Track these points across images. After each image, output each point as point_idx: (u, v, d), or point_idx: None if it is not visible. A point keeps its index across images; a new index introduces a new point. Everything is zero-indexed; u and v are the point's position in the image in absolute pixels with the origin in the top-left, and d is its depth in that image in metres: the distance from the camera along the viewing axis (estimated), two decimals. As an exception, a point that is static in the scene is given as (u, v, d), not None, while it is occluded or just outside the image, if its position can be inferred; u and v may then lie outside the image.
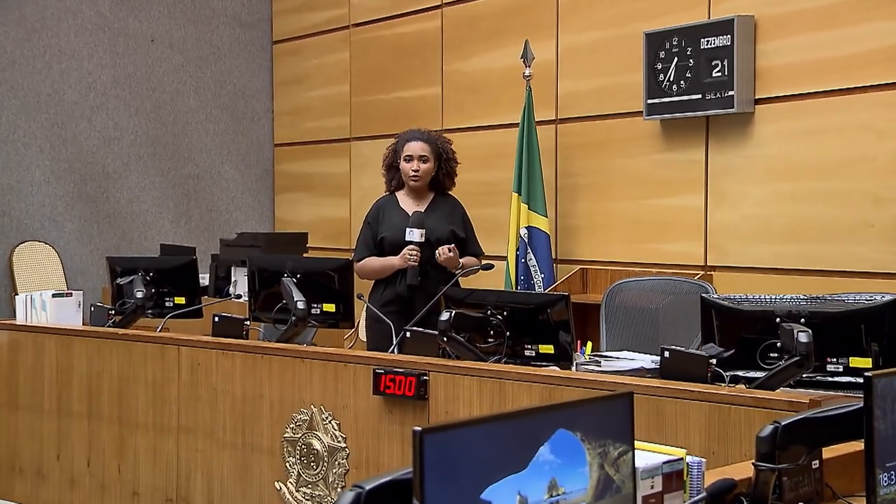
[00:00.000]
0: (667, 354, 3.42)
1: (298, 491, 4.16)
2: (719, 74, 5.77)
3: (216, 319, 4.72)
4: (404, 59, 7.78)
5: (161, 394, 4.62)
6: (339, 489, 4.03)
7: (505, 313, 3.91)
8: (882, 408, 2.12)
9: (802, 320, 3.28)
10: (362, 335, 5.54)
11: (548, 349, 3.84)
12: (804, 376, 3.27)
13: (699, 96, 5.88)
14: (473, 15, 7.31)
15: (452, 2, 7.45)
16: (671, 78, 6.00)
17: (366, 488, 1.64)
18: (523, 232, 6.44)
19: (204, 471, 4.48)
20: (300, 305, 4.49)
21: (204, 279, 6.59)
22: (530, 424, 1.70)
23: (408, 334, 4.12)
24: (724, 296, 3.64)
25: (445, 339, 3.90)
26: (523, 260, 6.43)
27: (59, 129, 8.10)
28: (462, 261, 5.03)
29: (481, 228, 5.43)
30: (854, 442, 2.27)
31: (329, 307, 4.65)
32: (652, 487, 2.03)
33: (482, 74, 7.23)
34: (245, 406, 4.34)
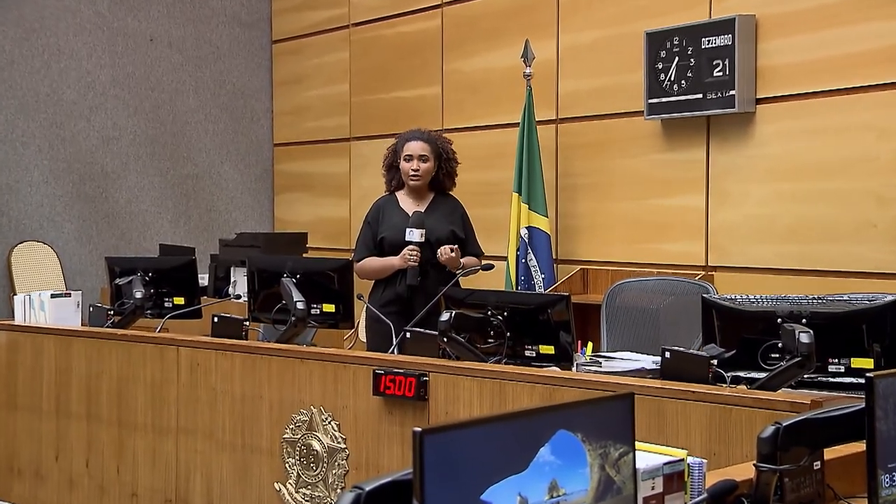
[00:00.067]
0: (668, 355, 3.42)
1: (298, 492, 4.15)
2: (720, 74, 5.75)
3: (215, 320, 4.71)
4: (404, 59, 7.77)
5: (160, 394, 4.61)
6: (339, 490, 4.02)
7: (505, 314, 3.91)
8: (884, 409, 2.11)
9: (804, 321, 3.28)
10: (362, 336, 5.53)
11: (548, 350, 3.83)
12: (806, 377, 3.27)
13: (700, 96, 5.86)
14: (474, 14, 7.30)
15: (452, 1, 7.43)
16: (672, 77, 5.98)
17: (366, 489, 1.64)
18: (524, 232, 6.43)
19: (203, 472, 4.47)
20: (300, 306, 4.49)
21: (203, 279, 6.58)
22: (531, 425, 1.70)
23: (408, 335, 4.12)
24: (726, 296, 3.63)
25: (445, 340, 3.90)
26: (524, 260, 6.42)
27: (58, 129, 8.09)
28: (462, 261, 5.02)
29: (481, 228, 5.42)
30: (856, 443, 2.26)
31: (329, 307, 4.65)
32: (653, 488, 2.03)
33: (482, 74, 7.22)
34: (244, 407, 4.33)
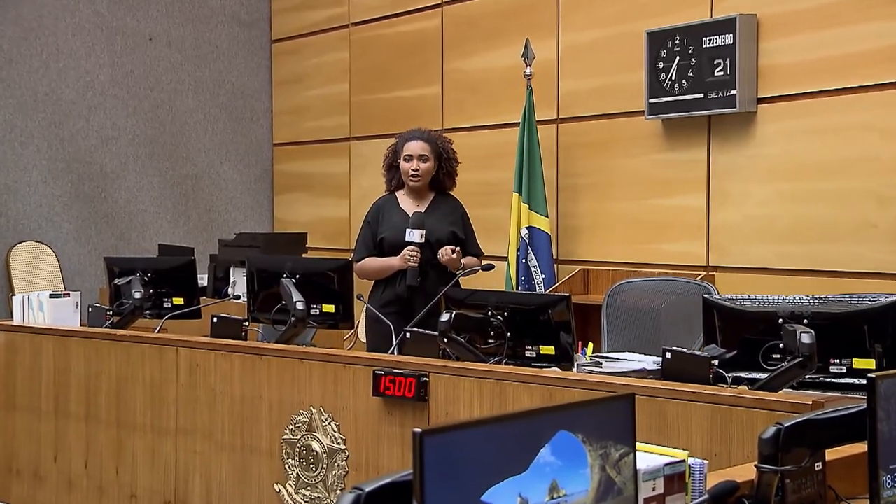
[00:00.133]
0: (668, 355, 3.42)
1: (298, 493, 4.14)
2: (721, 73, 5.74)
3: (215, 320, 4.71)
4: (404, 59, 7.76)
5: (159, 395, 4.60)
6: (339, 491, 4.02)
7: (505, 314, 3.90)
8: (886, 409, 2.11)
9: (805, 321, 3.28)
10: (362, 336, 5.52)
11: (549, 350, 3.83)
12: (807, 377, 3.27)
13: (701, 95, 5.85)
14: (474, 14, 7.29)
15: (452, 0, 7.42)
16: (673, 77, 5.97)
17: (365, 490, 1.64)
18: (524, 232, 6.42)
19: (202, 473, 4.46)
20: (299, 306, 4.48)
21: (202, 280, 6.58)
22: (531, 426, 1.70)
23: (408, 335, 4.12)
24: (727, 296, 3.63)
25: (446, 340, 3.89)
26: (524, 260, 6.40)
27: (57, 129, 8.09)
28: (462, 261, 5.01)
29: (482, 229, 5.41)
30: (857, 444, 2.26)
31: (328, 308, 4.64)
32: (654, 489, 2.03)
33: (483, 74, 7.21)
34: (244, 407, 4.32)
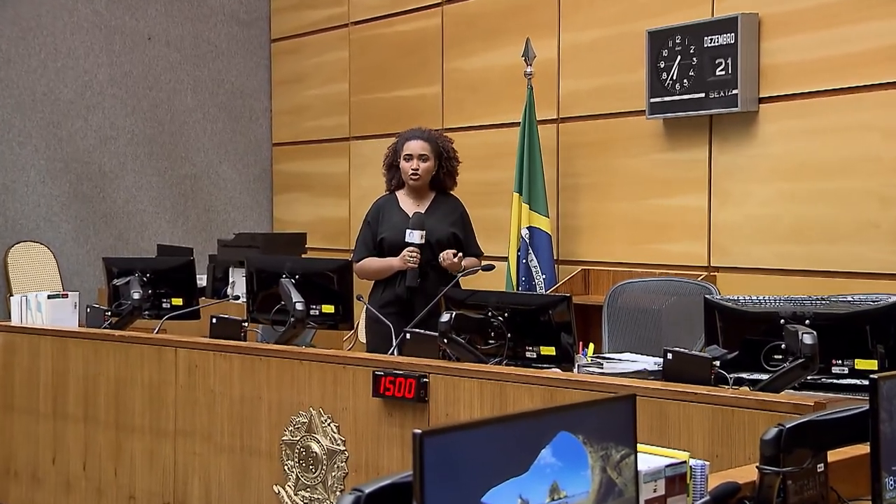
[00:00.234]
0: (670, 356, 3.41)
1: (297, 494, 4.13)
2: (723, 73, 5.72)
3: (214, 321, 4.70)
4: (404, 58, 7.75)
5: (158, 396, 4.59)
6: (339, 492, 4.01)
7: (506, 315, 3.90)
8: (888, 410, 2.11)
9: (807, 322, 3.28)
10: (362, 337, 5.51)
11: (549, 351, 3.83)
12: (809, 378, 3.26)
13: (702, 95, 5.84)
14: (474, 13, 7.28)
15: (452, -1, 7.43)
16: (674, 76, 5.96)
17: (365, 492, 1.64)
18: (524, 232, 6.40)
19: (201, 474, 4.45)
20: (299, 307, 4.47)
21: (201, 280, 6.57)
22: (532, 427, 1.69)
23: (408, 336, 4.11)
24: (728, 297, 3.62)
25: (446, 341, 3.89)
26: (524, 261, 6.39)
27: (55, 129, 8.08)
28: (462, 262, 5.00)
29: (482, 229, 5.40)
30: (860, 445, 2.26)
31: (328, 308, 4.64)
32: (655, 491, 2.03)
33: (483, 73, 7.19)
34: (243, 408, 4.31)
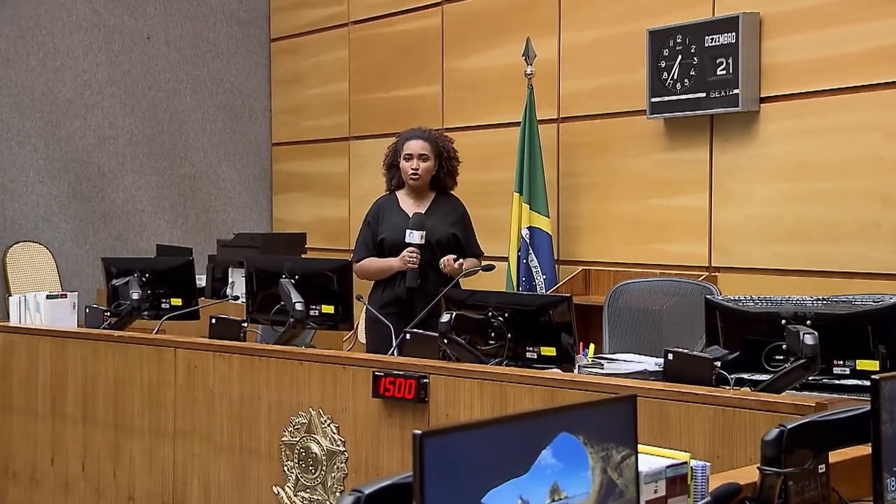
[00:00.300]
0: (670, 357, 3.41)
1: (297, 495, 4.12)
2: (724, 72, 5.71)
3: (213, 321, 4.69)
4: (404, 57, 7.74)
5: (157, 397, 4.58)
6: (338, 493, 4.00)
7: (506, 315, 3.89)
8: (889, 411, 2.11)
9: (808, 322, 3.27)
10: (361, 337, 5.51)
11: (550, 351, 3.82)
12: (810, 379, 3.26)
13: (703, 95, 5.83)
14: (474, 12, 7.27)
15: (452, -2, 7.42)
16: (675, 76, 5.94)
17: (365, 492, 1.64)
18: (525, 232, 6.39)
19: (201, 475, 4.44)
20: (298, 307, 4.47)
21: (201, 280, 6.58)
22: (532, 428, 1.69)
23: (408, 336, 4.10)
24: (729, 297, 3.62)
25: (446, 342, 3.88)
26: (525, 261, 6.38)
27: (54, 128, 8.07)
28: (463, 263, 4.99)
29: (482, 229, 5.39)
30: (861, 446, 2.25)
31: (328, 309, 4.63)
32: (655, 492, 2.02)
33: (483, 72, 7.19)
34: (242, 409, 4.30)
